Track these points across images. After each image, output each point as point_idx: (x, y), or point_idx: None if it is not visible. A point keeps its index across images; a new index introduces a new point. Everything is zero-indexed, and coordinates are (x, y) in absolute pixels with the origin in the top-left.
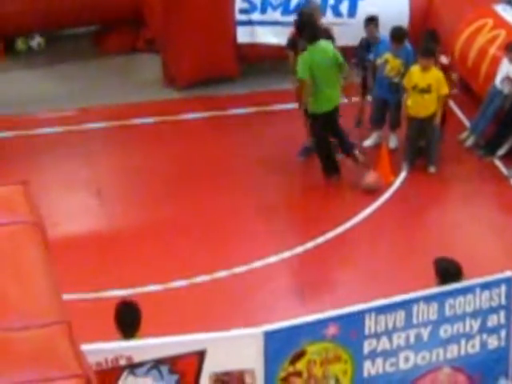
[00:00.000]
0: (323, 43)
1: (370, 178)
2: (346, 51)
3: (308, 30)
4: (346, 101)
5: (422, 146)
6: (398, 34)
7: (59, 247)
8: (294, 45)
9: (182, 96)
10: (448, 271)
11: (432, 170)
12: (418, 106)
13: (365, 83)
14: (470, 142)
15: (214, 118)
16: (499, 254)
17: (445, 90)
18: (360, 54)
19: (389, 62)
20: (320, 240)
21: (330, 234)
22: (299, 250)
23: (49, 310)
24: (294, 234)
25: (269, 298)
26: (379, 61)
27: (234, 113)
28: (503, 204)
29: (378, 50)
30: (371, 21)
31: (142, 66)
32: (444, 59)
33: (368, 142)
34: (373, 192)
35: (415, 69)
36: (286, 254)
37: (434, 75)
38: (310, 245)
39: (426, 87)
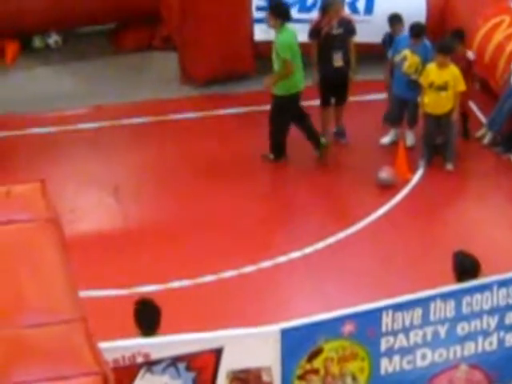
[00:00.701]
0: (291, 26)
1: (385, 172)
2: (363, 47)
3: (282, 7)
4: None
5: (439, 143)
6: (416, 30)
7: (76, 244)
8: (317, 34)
9: (200, 93)
10: (463, 265)
11: (449, 167)
12: (434, 103)
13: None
14: (487, 139)
15: (232, 115)
16: None
17: (462, 86)
18: (385, 50)
19: (407, 58)
20: (340, 236)
21: (348, 231)
22: (320, 245)
23: (65, 307)
24: (314, 231)
25: (282, 297)
26: (398, 58)
27: (251, 110)
28: None
29: (396, 47)
30: (396, 19)
31: (158, 63)
32: (471, 55)
33: (385, 140)
34: (388, 187)
35: (432, 66)
36: (309, 250)
37: (451, 72)
38: (324, 243)
39: (442, 84)
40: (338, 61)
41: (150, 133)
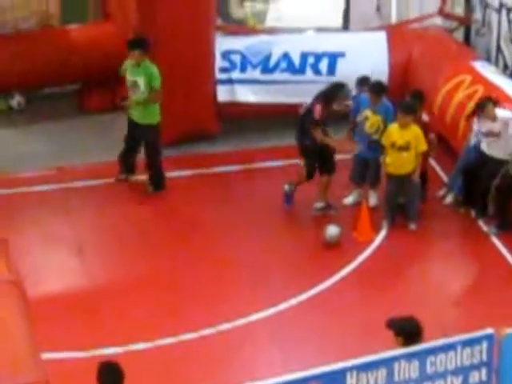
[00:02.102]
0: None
1: (332, 230)
2: None
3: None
4: None
5: (402, 203)
6: (376, 88)
7: (40, 306)
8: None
9: (163, 154)
10: (404, 330)
11: (412, 227)
12: (396, 163)
13: None
14: (449, 199)
15: (195, 176)
16: (480, 311)
17: (423, 146)
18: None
19: (369, 118)
20: (302, 297)
21: (311, 292)
22: (283, 306)
23: (28, 369)
24: (278, 291)
25: (243, 360)
26: (359, 118)
27: (215, 171)
28: (484, 261)
29: (358, 107)
30: (366, 81)
31: (123, 124)
32: (425, 117)
33: (349, 200)
34: (334, 245)
35: (394, 126)
36: (271, 311)
37: (413, 132)
38: (286, 304)
39: (404, 145)
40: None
41: (114, 194)
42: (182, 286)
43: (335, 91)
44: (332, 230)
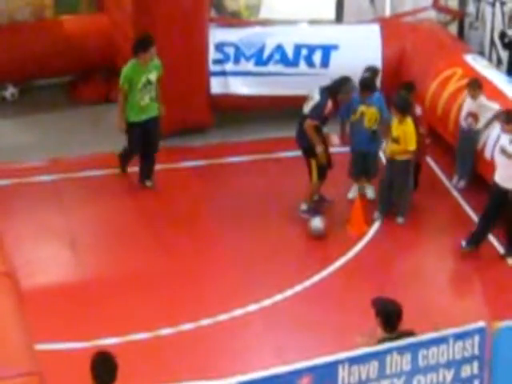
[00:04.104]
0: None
1: (316, 223)
2: None
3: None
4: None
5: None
6: (364, 84)
7: (33, 297)
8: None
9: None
10: (387, 310)
11: (400, 220)
12: (391, 151)
13: None
14: (462, 183)
15: (188, 168)
16: (472, 304)
17: (411, 145)
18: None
19: (365, 113)
20: (297, 288)
21: (306, 283)
22: (277, 298)
23: (21, 360)
24: (273, 283)
25: (238, 350)
26: (354, 117)
27: (208, 163)
28: (477, 255)
29: (350, 107)
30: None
31: (115, 116)
32: (418, 110)
33: (351, 195)
34: (320, 237)
35: (394, 120)
36: (266, 303)
37: (405, 129)
38: (281, 296)
39: (396, 137)
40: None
41: (107, 186)
42: (177, 277)
43: (342, 84)
44: (316, 223)
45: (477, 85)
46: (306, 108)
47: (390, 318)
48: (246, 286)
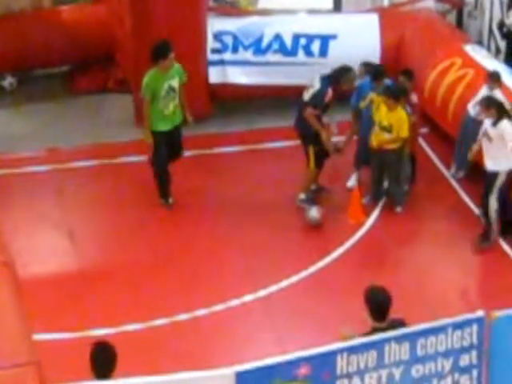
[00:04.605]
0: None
1: (313, 212)
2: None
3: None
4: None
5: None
6: (378, 72)
7: (30, 287)
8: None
9: None
10: (377, 299)
11: (398, 209)
12: (379, 141)
13: None
14: (461, 174)
15: (186, 158)
16: (470, 293)
17: (404, 132)
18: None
19: (374, 101)
20: (294, 278)
21: (303, 273)
22: (274, 288)
23: (19, 350)
24: (269, 273)
25: (235, 340)
26: (363, 104)
27: (207, 152)
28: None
29: (360, 93)
30: (366, 67)
31: (113, 106)
32: (414, 98)
33: (350, 183)
34: (317, 227)
35: (382, 106)
36: (264, 292)
37: (397, 116)
38: (278, 286)
39: (388, 126)
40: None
41: (105, 175)
42: (174, 268)
43: (342, 73)
44: (313, 212)
45: (498, 77)
46: (306, 95)
47: (378, 306)
48: (242, 276)
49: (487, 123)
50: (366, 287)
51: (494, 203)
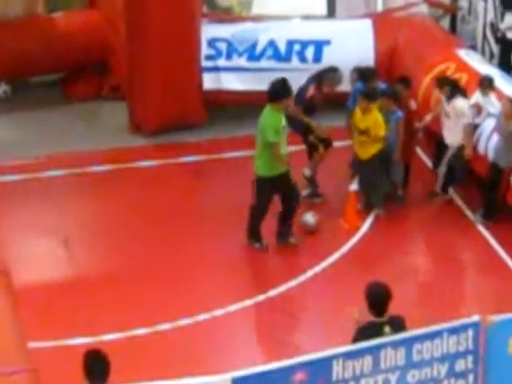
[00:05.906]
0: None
1: (308, 218)
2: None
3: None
4: None
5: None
6: (368, 73)
7: (26, 295)
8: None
9: (149, 143)
10: (377, 295)
11: (376, 212)
12: (357, 147)
13: None
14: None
15: (180, 164)
16: (466, 297)
17: (381, 131)
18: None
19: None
20: (291, 284)
21: (300, 278)
22: (272, 293)
23: (15, 358)
24: (266, 279)
25: (234, 345)
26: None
27: (200, 159)
28: (470, 248)
29: (356, 98)
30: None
31: (107, 113)
32: (413, 104)
33: (353, 187)
34: (311, 231)
35: (357, 110)
36: (261, 297)
37: (373, 118)
38: (275, 291)
39: (364, 129)
40: None
41: (99, 183)
42: (171, 273)
43: (326, 73)
44: (308, 217)
45: (490, 81)
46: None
47: (377, 302)
48: (242, 282)
49: (443, 100)
50: (369, 283)
51: (442, 169)
